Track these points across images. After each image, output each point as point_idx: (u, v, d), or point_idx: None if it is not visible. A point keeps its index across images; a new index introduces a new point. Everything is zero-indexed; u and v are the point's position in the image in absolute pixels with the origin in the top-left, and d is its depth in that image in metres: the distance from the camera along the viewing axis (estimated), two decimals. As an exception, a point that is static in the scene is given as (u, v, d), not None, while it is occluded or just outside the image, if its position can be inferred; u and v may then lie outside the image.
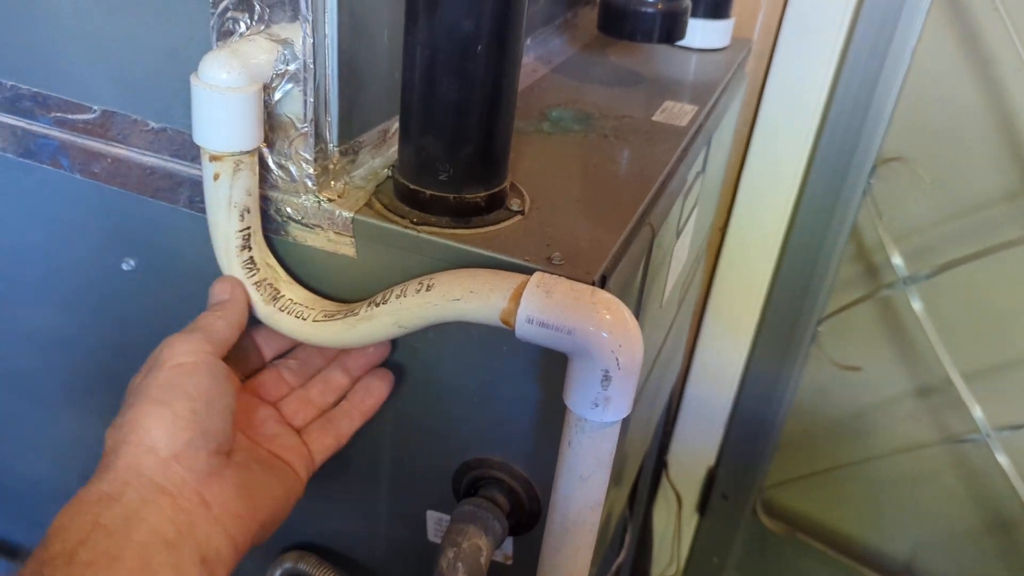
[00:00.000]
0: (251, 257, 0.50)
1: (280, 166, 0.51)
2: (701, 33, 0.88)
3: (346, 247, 0.52)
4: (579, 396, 0.45)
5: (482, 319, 0.45)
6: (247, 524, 0.45)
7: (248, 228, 0.50)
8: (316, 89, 0.48)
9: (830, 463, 1.29)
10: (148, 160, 0.54)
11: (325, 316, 0.50)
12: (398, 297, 0.47)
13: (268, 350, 0.55)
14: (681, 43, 0.88)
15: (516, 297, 0.43)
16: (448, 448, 0.56)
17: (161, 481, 0.42)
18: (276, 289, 0.51)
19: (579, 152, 0.63)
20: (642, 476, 1.22)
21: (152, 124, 0.53)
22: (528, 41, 0.77)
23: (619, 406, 0.44)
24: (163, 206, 0.55)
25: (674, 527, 1.38)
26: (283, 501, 0.49)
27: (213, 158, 0.47)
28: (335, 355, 0.55)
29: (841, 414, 1.26)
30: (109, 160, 0.55)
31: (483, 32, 0.45)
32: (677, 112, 0.72)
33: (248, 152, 0.47)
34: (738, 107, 0.96)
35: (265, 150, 0.51)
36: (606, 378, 0.43)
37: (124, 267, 0.59)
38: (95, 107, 0.54)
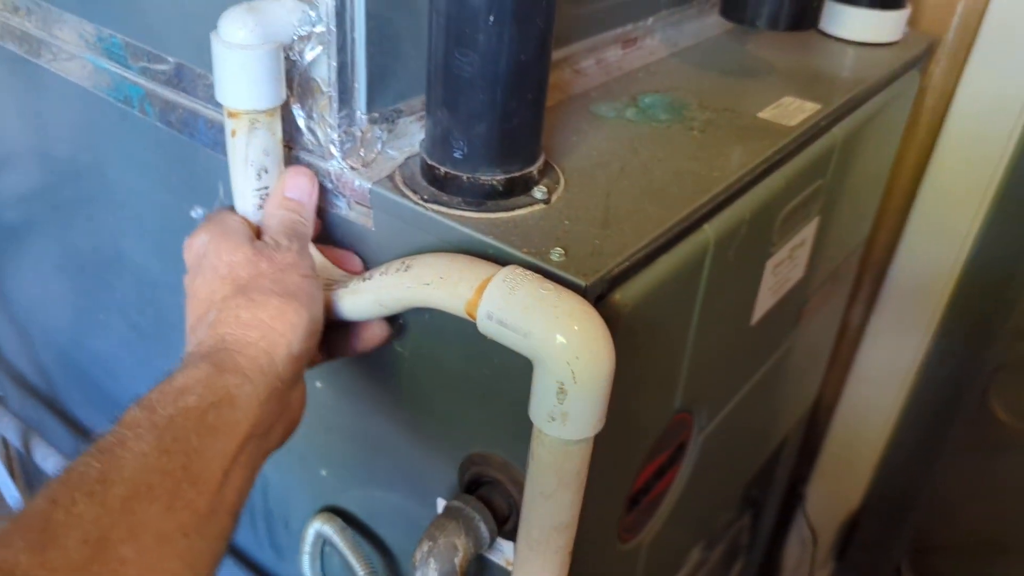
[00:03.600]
0: (268, 217, 0.50)
1: (310, 129, 0.51)
2: (862, 24, 0.77)
3: (365, 218, 0.51)
4: (537, 407, 0.41)
5: (449, 308, 0.42)
6: (291, 431, 0.48)
7: (266, 188, 0.50)
8: (341, 52, 0.47)
9: (1001, 534, 1.13)
10: (209, 113, 0.56)
11: (324, 286, 0.49)
12: (381, 275, 0.45)
13: None
14: (840, 35, 0.79)
15: (481, 289, 0.40)
16: (453, 437, 0.54)
17: (284, 375, 0.44)
18: (289, 251, 0.51)
19: (651, 144, 0.57)
20: (767, 505, 1.13)
21: (211, 78, 0.55)
22: (650, 21, 0.71)
23: (580, 424, 0.40)
24: (222, 159, 0.57)
25: (807, 569, 1.26)
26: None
27: (230, 115, 0.47)
28: None
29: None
30: (181, 110, 0.58)
31: (495, 3, 0.42)
32: (792, 110, 0.64)
33: (265, 111, 0.47)
34: (905, 113, 0.84)
35: (300, 112, 0.51)
36: (561, 391, 0.39)
37: (193, 215, 0.62)
38: (170, 58, 0.57)
